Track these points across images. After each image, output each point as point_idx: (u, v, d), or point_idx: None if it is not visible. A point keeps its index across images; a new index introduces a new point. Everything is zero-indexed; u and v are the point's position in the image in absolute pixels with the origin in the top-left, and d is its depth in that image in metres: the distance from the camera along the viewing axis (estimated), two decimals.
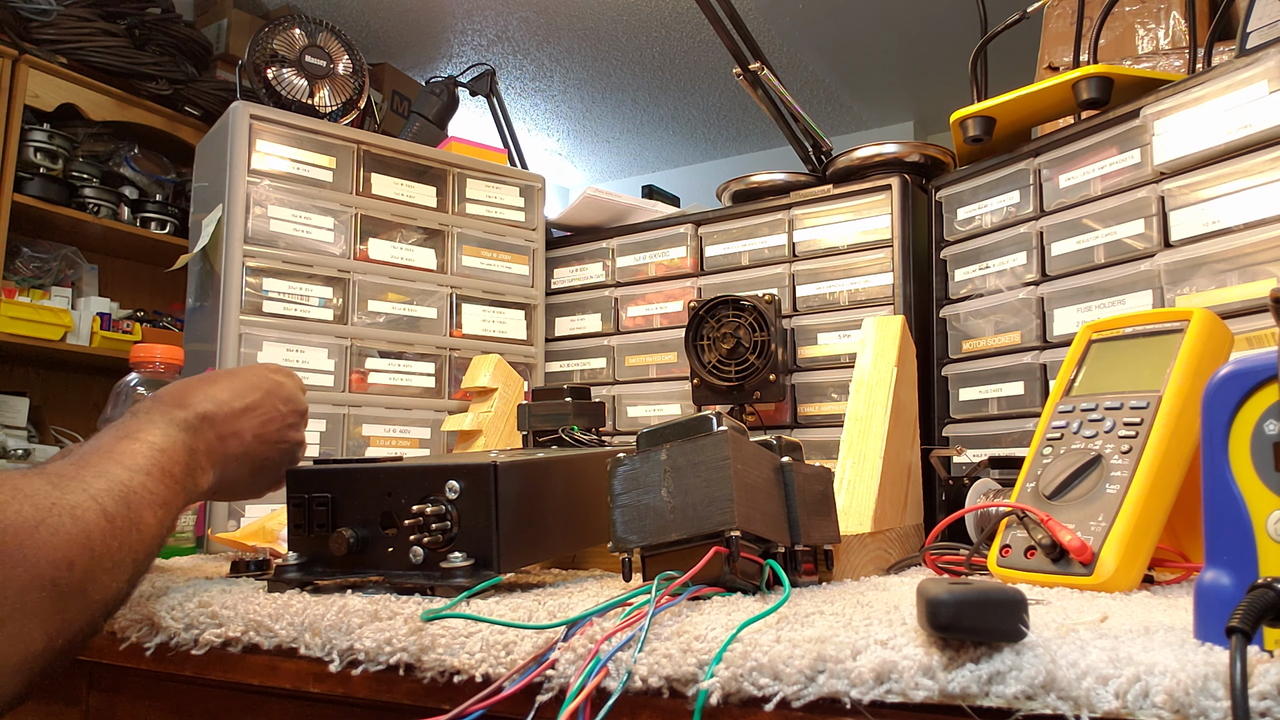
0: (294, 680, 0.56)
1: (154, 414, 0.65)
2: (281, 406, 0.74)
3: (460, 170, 1.38)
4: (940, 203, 1.16)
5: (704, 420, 0.55)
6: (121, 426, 0.63)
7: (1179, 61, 1.50)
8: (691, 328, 1.21)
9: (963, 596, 0.38)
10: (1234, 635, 0.33)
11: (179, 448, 0.63)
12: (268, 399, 0.73)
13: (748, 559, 0.54)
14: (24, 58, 2.37)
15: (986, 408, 1.07)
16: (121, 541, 0.54)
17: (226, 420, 0.69)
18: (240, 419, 0.71)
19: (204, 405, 0.68)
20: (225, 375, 0.74)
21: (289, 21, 1.31)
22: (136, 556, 0.55)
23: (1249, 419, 0.40)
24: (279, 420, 0.74)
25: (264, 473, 0.74)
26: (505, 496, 0.58)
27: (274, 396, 0.74)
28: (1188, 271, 0.87)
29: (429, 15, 3.54)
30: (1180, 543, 0.69)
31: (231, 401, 0.70)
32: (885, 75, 4.04)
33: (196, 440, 0.66)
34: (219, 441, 0.68)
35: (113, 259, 2.82)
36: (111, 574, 0.53)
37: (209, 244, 1.20)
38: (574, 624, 0.47)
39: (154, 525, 0.57)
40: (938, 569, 0.72)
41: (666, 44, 3.77)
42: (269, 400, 0.73)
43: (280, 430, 0.74)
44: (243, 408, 0.71)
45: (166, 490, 0.59)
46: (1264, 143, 0.82)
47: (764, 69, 1.25)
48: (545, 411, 0.98)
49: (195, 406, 0.67)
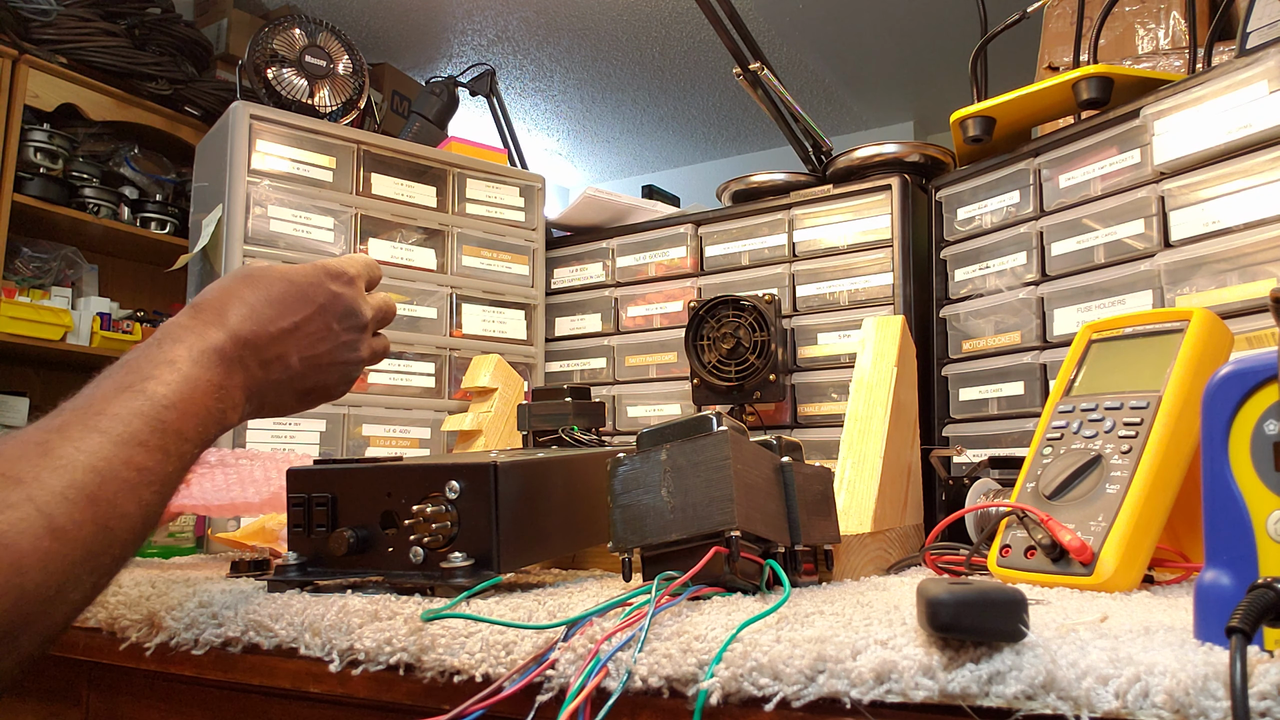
0: (294, 680, 0.56)
1: (184, 339, 0.55)
2: (336, 325, 0.64)
3: (460, 170, 1.38)
4: (940, 203, 1.16)
5: (704, 420, 0.54)
6: (138, 361, 0.53)
7: (1179, 61, 1.50)
8: (691, 328, 1.21)
9: (963, 596, 0.38)
10: (1234, 635, 0.33)
11: (203, 390, 0.54)
12: (321, 315, 0.63)
13: (748, 559, 0.54)
14: (24, 58, 2.37)
15: (986, 408, 1.07)
16: (77, 556, 0.44)
17: (270, 343, 0.60)
18: (286, 340, 0.61)
19: (245, 324, 0.59)
20: (275, 278, 0.63)
21: (289, 21, 1.31)
22: (103, 562, 0.46)
23: (1249, 419, 0.40)
24: (332, 340, 0.64)
25: (311, 396, 0.66)
26: (505, 496, 0.58)
27: (328, 312, 0.64)
28: (1188, 271, 0.87)
29: (429, 15, 3.54)
30: (1180, 543, 0.69)
31: (277, 319, 0.61)
32: (885, 75, 4.04)
33: (230, 374, 0.57)
34: (260, 368, 0.60)
35: (113, 259, 2.82)
36: (58, 599, 0.43)
37: (209, 244, 1.20)
38: (574, 624, 0.47)
39: (137, 513, 0.48)
40: (938, 569, 0.72)
41: (666, 44, 3.77)
42: (322, 317, 0.63)
43: (334, 351, 0.65)
44: (291, 326, 0.61)
45: (164, 461, 0.50)
46: (1264, 143, 0.82)
47: (764, 69, 1.25)
48: (545, 411, 0.98)
49: (234, 324, 0.58)
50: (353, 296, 0.66)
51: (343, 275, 0.66)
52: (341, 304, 0.65)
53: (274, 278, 0.63)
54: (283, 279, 0.63)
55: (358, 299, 0.66)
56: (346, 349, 0.66)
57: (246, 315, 0.59)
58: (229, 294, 0.61)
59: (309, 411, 1.22)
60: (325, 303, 0.64)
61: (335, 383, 0.67)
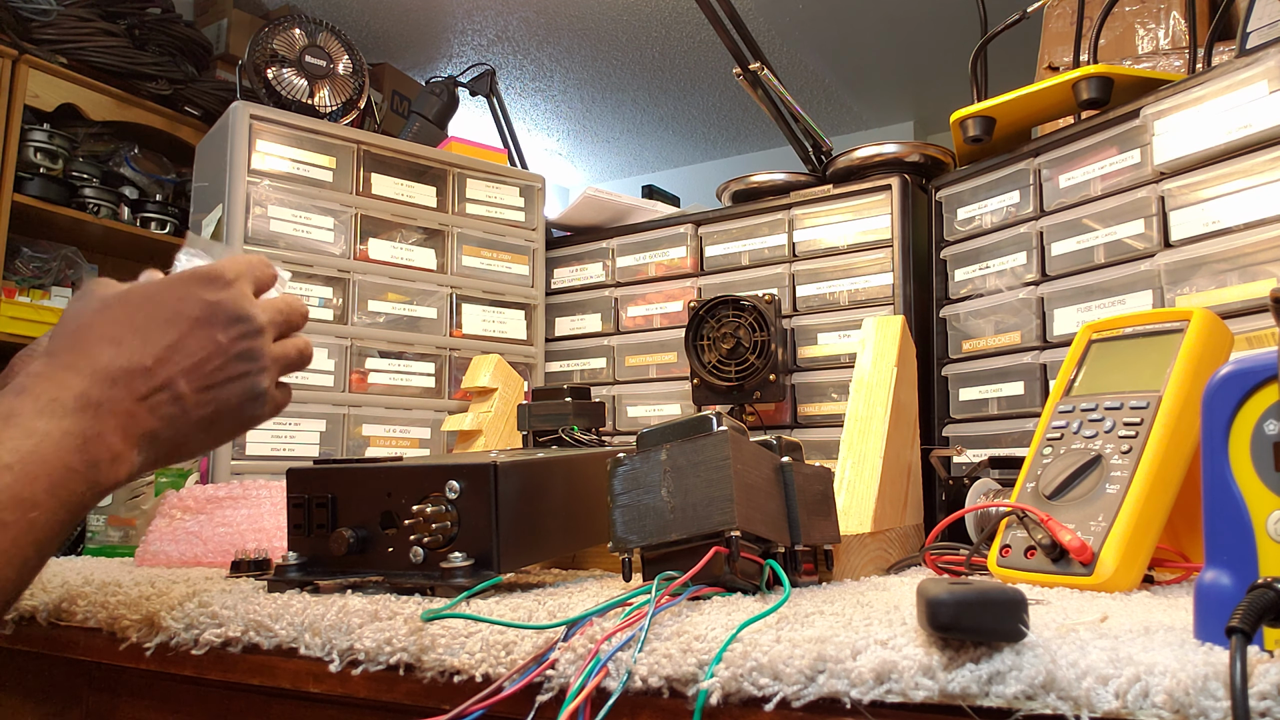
0: (294, 680, 0.56)
1: (32, 388, 0.49)
2: (221, 336, 0.55)
3: (460, 170, 1.38)
4: (940, 203, 1.16)
5: (704, 420, 0.54)
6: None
7: (1179, 61, 1.50)
8: (691, 328, 1.21)
9: (963, 596, 0.38)
10: (1234, 635, 0.33)
11: (54, 446, 0.48)
12: (198, 329, 0.55)
13: (748, 559, 0.54)
14: (24, 58, 2.37)
15: (986, 408, 1.07)
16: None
17: (145, 375, 0.52)
18: (165, 367, 0.53)
19: (109, 360, 0.51)
20: (135, 299, 0.55)
21: (289, 21, 1.31)
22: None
23: (1249, 419, 0.40)
24: (221, 355, 0.55)
25: (219, 425, 0.57)
26: (505, 496, 0.58)
27: (207, 324, 0.55)
28: (1188, 271, 0.87)
29: (429, 15, 3.54)
30: (1180, 543, 0.69)
31: (147, 345, 0.53)
32: (885, 75, 4.04)
33: (99, 420, 0.49)
34: (142, 407, 0.52)
35: (113, 259, 2.82)
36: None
37: None
38: (574, 624, 0.47)
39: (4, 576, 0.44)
40: (938, 569, 0.72)
41: (666, 44, 3.77)
42: (201, 331, 0.55)
43: (226, 367, 0.56)
44: (165, 349, 0.53)
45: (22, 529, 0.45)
46: (1264, 143, 0.82)
47: (764, 69, 1.25)
48: (545, 411, 0.98)
49: (96, 363, 0.51)
50: (234, 299, 0.57)
51: (217, 279, 0.57)
52: (222, 311, 0.56)
53: (134, 299, 0.55)
54: (144, 298, 0.55)
55: (241, 301, 0.57)
56: (242, 360, 0.57)
57: (110, 349, 0.52)
58: (85, 328, 0.53)
59: (309, 411, 1.23)
60: (200, 314, 0.55)
61: (241, 401, 0.57)
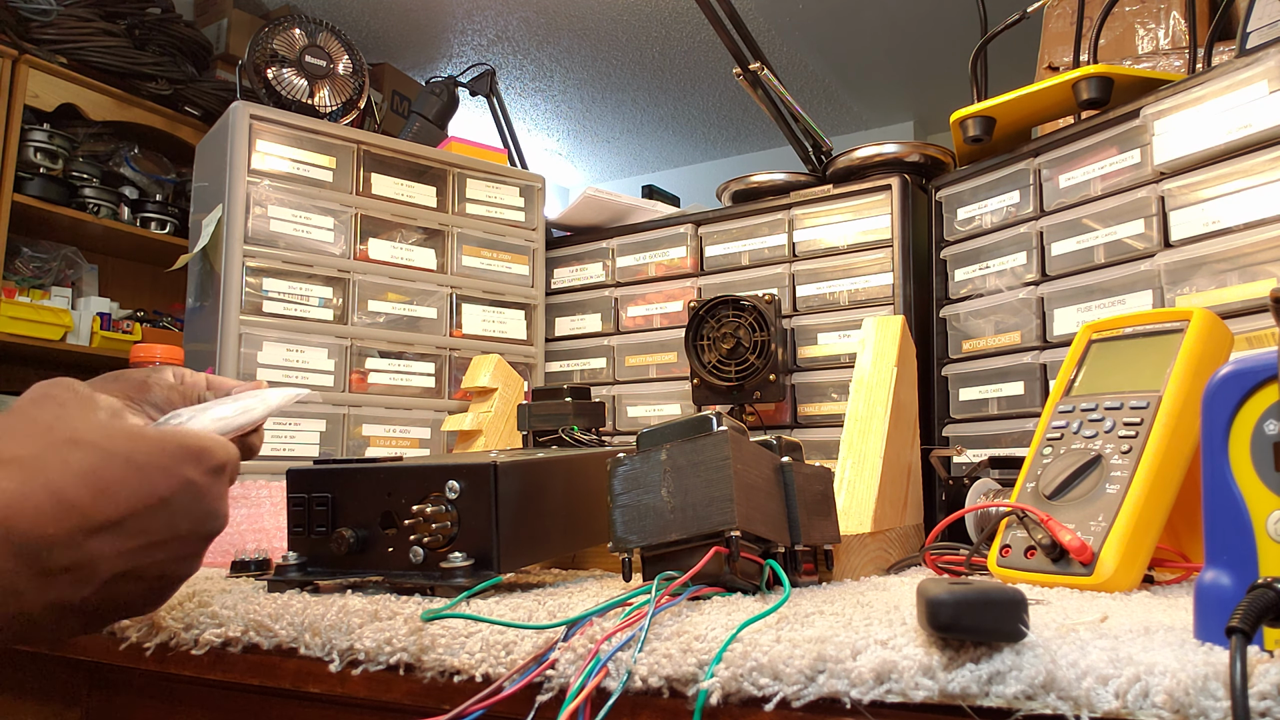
0: (294, 680, 0.56)
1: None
2: (185, 528, 0.47)
3: (460, 170, 1.38)
4: (940, 203, 1.16)
5: (704, 420, 0.54)
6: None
7: (1179, 61, 1.51)
8: (691, 328, 1.21)
9: (963, 596, 0.38)
10: (1234, 635, 0.33)
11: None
12: (163, 513, 0.46)
13: (748, 559, 0.54)
14: (24, 58, 2.37)
15: (986, 408, 1.07)
16: None
17: (67, 545, 0.42)
18: (98, 541, 0.43)
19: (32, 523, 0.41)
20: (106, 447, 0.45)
21: (289, 21, 1.31)
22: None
23: (1249, 419, 0.40)
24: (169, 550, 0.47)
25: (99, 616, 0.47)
26: (505, 496, 0.58)
27: (177, 510, 0.46)
28: (1188, 271, 0.87)
29: (429, 15, 3.54)
30: (1180, 543, 0.69)
31: (93, 509, 0.43)
32: (885, 75, 4.04)
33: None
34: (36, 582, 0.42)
35: (113, 259, 2.82)
36: None
37: (209, 244, 1.20)
38: (574, 624, 0.47)
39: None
40: (938, 569, 0.72)
41: (666, 44, 3.77)
42: (165, 515, 0.46)
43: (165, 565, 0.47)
44: (112, 520, 0.44)
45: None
46: (1264, 143, 0.82)
47: (764, 69, 1.25)
48: (545, 411, 0.98)
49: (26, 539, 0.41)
50: (216, 495, 0.48)
51: (208, 459, 0.48)
52: (200, 501, 0.47)
53: (105, 446, 0.45)
54: (116, 455, 0.45)
55: (222, 498, 0.49)
56: (182, 564, 0.48)
57: (42, 500, 0.42)
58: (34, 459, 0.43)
59: (309, 411, 1.23)
60: (173, 494, 0.46)
61: (146, 598, 0.48)
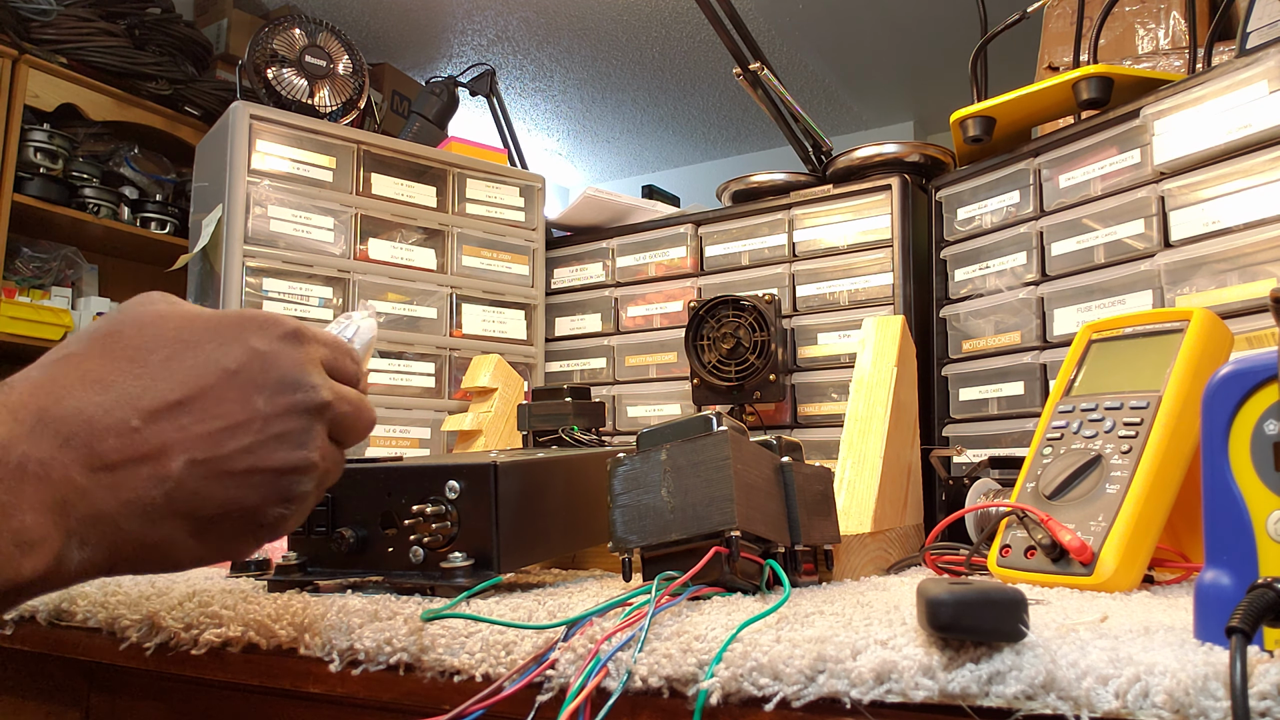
0: (294, 680, 0.56)
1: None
2: (260, 401, 0.41)
3: (460, 170, 1.38)
4: (940, 203, 1.16)
5: (704, 420, 0.54)
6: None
7: (1179, 61, 1.51)
8: (691, 328, 1.21)
9: (963, 596, 0.38)
10: (1234, 635, 0.33)
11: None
12: (229, 385, 0.40)
13: (748, 559, 0.54)
14: (24, 58, 2.37)
15: (986, 408, 1.07)
16: None
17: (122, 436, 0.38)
18: (159, 429, 0.39)
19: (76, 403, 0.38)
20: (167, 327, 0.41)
21: (289, 21, 1.31)
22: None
23: (1249, 419, 0.40)
24: (251, 429, 0.41)
25: (220, 528, 0.41)
26: (505, 496, 0.58)
27: (245, 380, 0.41)
28: (1188, 271, 0.87)
29: (429, 15, 3.54)
30: (1180, 543, 0.69)
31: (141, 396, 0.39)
32: (885, 75, 4.04)
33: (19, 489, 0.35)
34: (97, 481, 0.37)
35: (113, 259, 2.82)
36: None
37: (209, 244, 1.20)
38: (574, 624, 0.47)
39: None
40: (938, 569, 0.72)
41: (666, 44, 3.77)
42: (233, 387, 0.40)
43: (256, 449, 0.41)
44: (167, 405, 0.39)
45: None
46: (1264, 143, 0.82)
47: (764, 69, 1.25)
48: (545, 411, 0.98)
49: (58, 404, 0.38)
50: (294, 360, 0.42)
51: (279, 327, 0.43)
52: (272, 369, 0.42)
53: (168, 324, 0.41)
54: (179, 327, 0.41)
55: (303, 365, 0.43)
56: (281, 444, 0.41)
57: (86, 391, 0.38)
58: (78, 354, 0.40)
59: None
60: (240, 365, 0.41)
61: (262, 502, 0.41)
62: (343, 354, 0.47)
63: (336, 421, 0.45)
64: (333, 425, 0.45)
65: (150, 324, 0.42)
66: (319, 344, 0.45)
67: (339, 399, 0.45)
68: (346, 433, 0.46)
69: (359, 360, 0.48)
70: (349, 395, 0.46)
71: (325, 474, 0.45)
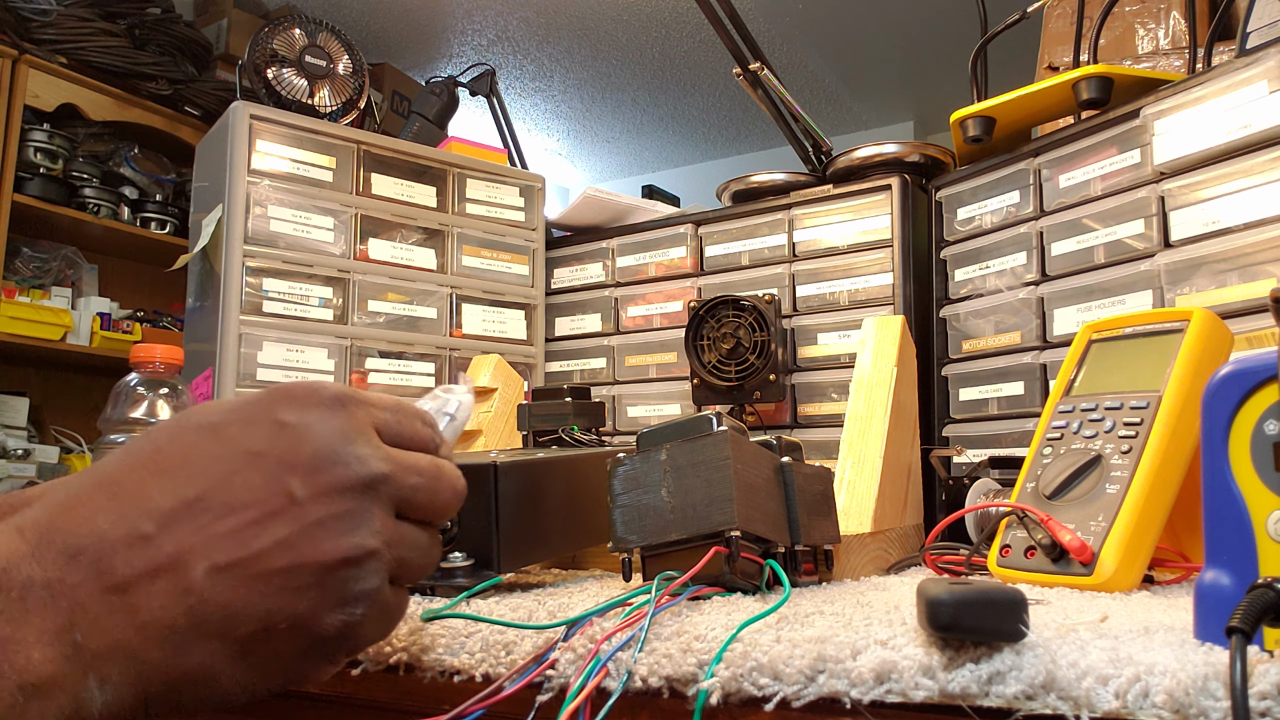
0: None
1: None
2: (295, 484, 0.35)
3: (460, 170, 1.38)
4: (940, 203, 1.16)
5: (704, 420, 0.54)
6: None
7: (1179, 61, 1.51)
8: (691, 328, 1.21)
9: (963, 596, 0.38)
10: (1234, 635, 0.33)
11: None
12: (251, 469, 0.35)
13: (748, 559, 0.54)
14: (24, 58, 2.37)
15: (986, 408, 1.07)
16: None
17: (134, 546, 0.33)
18: (175, 533, 0.33)
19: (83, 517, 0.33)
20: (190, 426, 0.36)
21: (289, 21, 1.31)
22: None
23: (1249, 419, 0.40)
24: (286, 520, 0.34)
25: (271, 643, 0.34)
26: (505, 496, 0.58)
27: (272, 461, 0.35)
28: (1188, 271, 0.87)
29: (429, 15, 3.54)
30: (1180, 543, 0.69)
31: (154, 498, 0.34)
32: (885, 75, 4.04)
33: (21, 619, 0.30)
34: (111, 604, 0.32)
35: (113, 259, 2.82)
36: None
37: (209, 244, 1.20)
38: (574, 624, 0.47)
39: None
40: (938, 569, 0.72)
41: (666, 44, 3.77)
42: (254, 472, 0.35)
43: (292, 541, 0.34)
44: (183, 504, 0.34)
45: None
46: (1264, 143, 0.82)
47: (764, 69, 1.25)
48: (545, 411, 0.98)
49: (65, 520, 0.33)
50: (332, 430, 0.36)
51: (314, 395, 0.37)
52: (306, 443, 0.35)
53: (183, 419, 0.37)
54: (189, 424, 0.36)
55: (345, 434, 0.36)
56: (326, 532, 0.34)
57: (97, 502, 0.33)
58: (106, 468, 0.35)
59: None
60: (267, 444, 0.35)
61: (314, 608, 0.34)
62: (408, 416, 0.40)
63: (404, 497, 0.38)
64: (400, 502, 0.38)
65: (179, 420, 0.36)
66: (371, 407, 0.38)
67: (401, 468, 0.38)
68: (422, 509, 0.39)
69: (432, 423, 0.42)
70: (417, 463, 0.38)
71: (399, 563, 0.37)
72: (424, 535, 0.39)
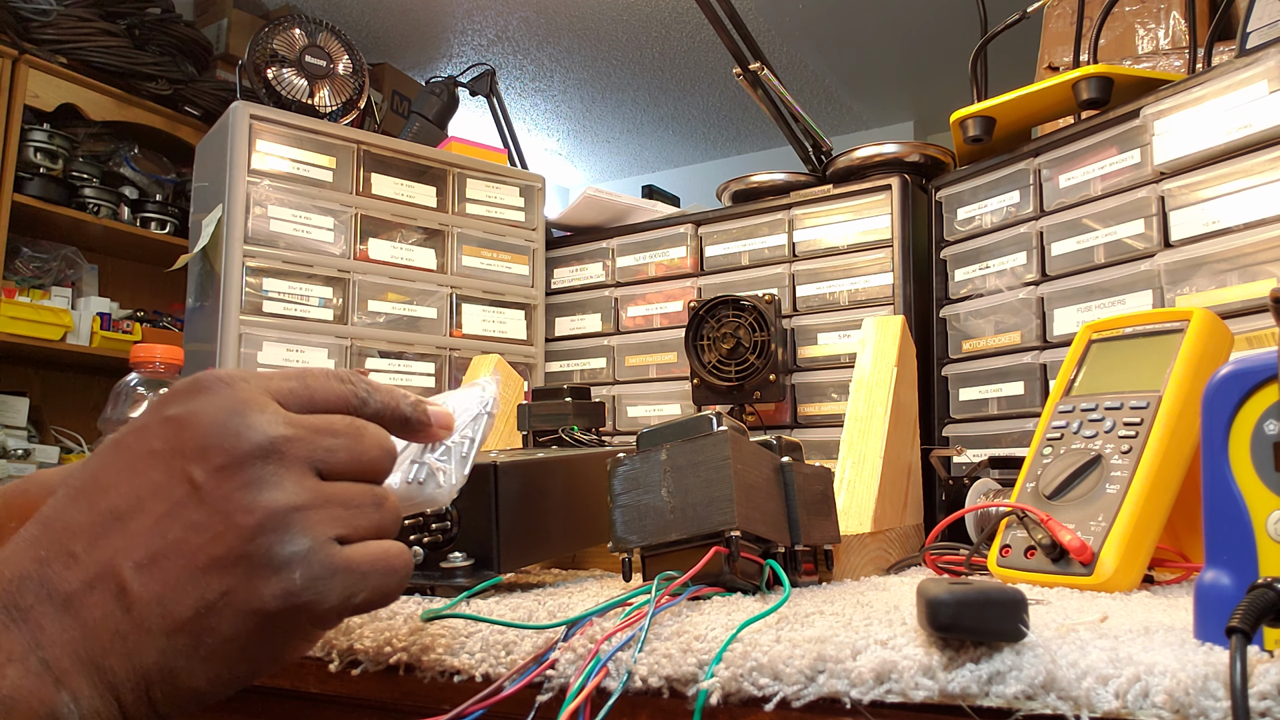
0: (294, 680, 0.56)
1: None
2: (195, 471, 0.35)
3: (460, 170, 1.38)
4: (940, 203, 1.16)
5: (704, 420, 0.54)
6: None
7: (1179, 61, 1.51)
8: (691, 328, 1.21)
9: (963, 596, 0.38)
10: (1234, 635, 0.33)
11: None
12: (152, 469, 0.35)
13: (748, 559, 0.54)
14: (24, 58, 2.37)
15: (986, 408, 1.07)
16: None
17: (65, 564, 0.34)
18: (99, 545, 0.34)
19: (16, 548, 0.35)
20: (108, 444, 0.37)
21: (289, 21, 1.31)
22: None
23: (1249, 419, 0.40)
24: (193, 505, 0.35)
25: (213, 631, 0.34)
26: (505, 496, 0.58)
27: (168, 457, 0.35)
28: (1188, 271, 0.87)
29: (429, 15, 3.54)
30: (1180, 543, 0.69)
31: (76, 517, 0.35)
32: (885, 75, 4.04)
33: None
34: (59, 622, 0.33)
35: (113, 259, 2.82)
36: None
37: (209, 244, 1.20)
38: (574, 624, 0.47)
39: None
40: (938, 569, 0.72)
41: (666, 44, 3.77)
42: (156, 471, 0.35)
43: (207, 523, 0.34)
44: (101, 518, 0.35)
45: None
46: (1264, 143, 0.82)
47: (764, 69, 1.25)
48: (545, 411, 0.98)
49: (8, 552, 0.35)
50: (218, 407, 0.36)
51: (198, 382, 0.37)
52: (194, 427, 0.35)
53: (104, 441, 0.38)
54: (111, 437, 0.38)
55: (231, 409, 0.36)
56: (236, 506, 0.34)
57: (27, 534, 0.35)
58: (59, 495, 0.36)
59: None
60: (162, 440, 0.36)
61: (245, 580, 0.34)
62: (318, 378, 0.39)
63: (319, 458, 0.37)
64: (317, 463, 0.37)
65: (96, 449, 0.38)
66: (266, 379, 0.38)
67: (309, 430, 0.37)
68: (346, 468, 0.38)
69: (349, 379, 0.41)
70: (330, 424, 0.38)
71: (338, 521, 0.37)
72: (360, 490, 0.38)
